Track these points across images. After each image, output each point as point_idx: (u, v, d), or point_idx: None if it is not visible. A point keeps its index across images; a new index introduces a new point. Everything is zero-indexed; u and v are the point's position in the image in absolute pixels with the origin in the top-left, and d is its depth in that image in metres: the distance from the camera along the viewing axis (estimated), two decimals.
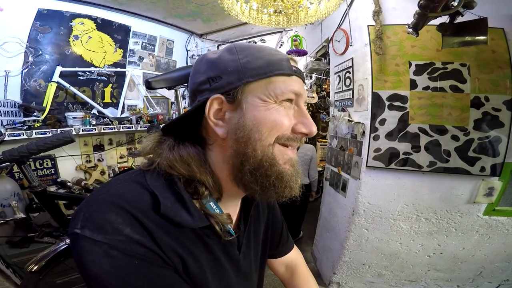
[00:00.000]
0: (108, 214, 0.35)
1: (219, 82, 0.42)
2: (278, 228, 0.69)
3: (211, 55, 0.45)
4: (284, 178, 0.43)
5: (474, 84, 1.44)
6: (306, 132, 0.44)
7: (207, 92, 0.43)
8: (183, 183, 0.42)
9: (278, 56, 0.44)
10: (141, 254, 0.35)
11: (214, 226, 0.43)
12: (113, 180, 0.43)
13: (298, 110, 0.45)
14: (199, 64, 0.46)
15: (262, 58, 0.43)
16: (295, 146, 0.46)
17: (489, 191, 1.49)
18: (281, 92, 0.42)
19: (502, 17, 1.37)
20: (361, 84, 1.66)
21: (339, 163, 1.98)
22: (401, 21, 1.49)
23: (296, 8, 1.40)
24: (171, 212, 0.39)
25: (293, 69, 0.44)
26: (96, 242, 0.33)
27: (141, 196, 0.39)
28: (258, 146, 0.41)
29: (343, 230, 1.83)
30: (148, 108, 2.62)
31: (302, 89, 0.45)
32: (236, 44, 0.45)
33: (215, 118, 0.43)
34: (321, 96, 3.66)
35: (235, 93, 0.41)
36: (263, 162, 0.41)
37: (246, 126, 0.41)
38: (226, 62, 0.42)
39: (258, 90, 0.42)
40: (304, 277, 0.71)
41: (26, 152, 1.11)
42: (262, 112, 0.42)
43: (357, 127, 1.69)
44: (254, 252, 0.57)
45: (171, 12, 2.45)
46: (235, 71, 0.42)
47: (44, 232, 1.48)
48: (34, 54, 1.91)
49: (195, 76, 0.46)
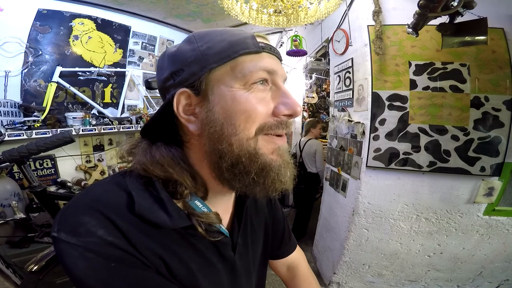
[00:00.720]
0: (81, 216, 0.35)
1: (181, 75, 0.40)
2: (279, 228, 0.67)
3: (171, 49, 0.43)
4: (272, 171, 0.39)
5: (474, 84, 1.44)
6: (289, 113, 0.40)
7: (173, 88, 0.41)
8: (161, 183, 0.40)
9: (242, 35, 0.40)
10: (117, 257, 0.34)
11: (195, 226, 0.40)
12: (94, 183, 0.43)
13: (275, 90, 0.41)
14: (161, 61, 0.44)
15: (223, 40, 0.39)
16: (283, 133, 0.42)
17: (489, 191, 1.49)
18: (249, 72, 0.38)
19: (502, 17, 1.37)
20: (361, 84, 1.66)
21: (339, 163, 1.98)
22: (401, 21, 1.49)
23: (296, 8, 1.40)
24: (147, 212, 0.37)
25: (261, 45, 0.40)
26: (72, 245, 0.33)
27: (118, 198, 0.38)
28: (233, 140, 0.38)
29: (343, 230, 1.83)
30: (148, 108, 2.62)
31: (276, 66, 0.41)
32: (194, 32, 0.42)
33: (186, 114, 0.41)
34: (321, 96, 3.66)
35: (199, 84, 0.39)
36: (241, 157, 0.38)
37: (216, 120, 0.38)
38: (186, 52, 0.40)
39: (225, 76, 0.38)
40: (306, 279, 0.70)
41: (26, 152, 1.11)
42: (231, 102, 0.38)
43: (357, 127, 1.69)
44: (253, 252, 0.55)
45: (171, 12, 2.45)
46: (196, 60, 0.38)
47: (44, 232, 1.48)
48: (34, 54, 1.90)
49: (159, 74, 0.44)
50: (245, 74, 0.38)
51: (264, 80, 0.40)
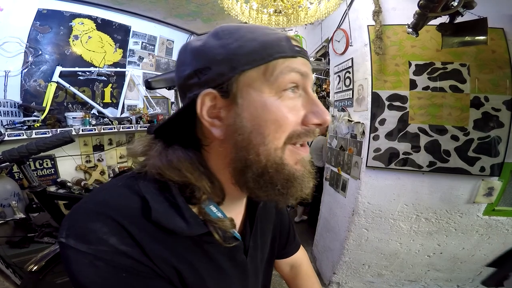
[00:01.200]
0: (92, 222, 0.33)
1: (208, 74, 0.36)
2: (285, 228, 0.67)
3: (195, 42, 0.39)
4: (296, 181, 0.38)
5: (474, 84, 1.44)
6: (319, 122, 0.38)
7: (197, 88, 0.37)
8: (177, 187, 0.38)
9: (275, 35, 0.37)
10: (128, 266, 0.32)
11: (213, 233, 0.39)
12: (103, 185, 0.40)
13: (306, 97, 0.38)
14: (183, 55, 0.40)
15: (255, 39, 0.36)
16: (307, 141, 0.40)
17: (488, 191, 1.49)
18: (282, 77, 0.35)
19: (502, 17, 1.37)
20: (361, 84, 1.66)
21: (339, 163, 1.98)
22: (401, 21, 1.49)
23: (296, 8, 1.40)
24: (164, 218, 0.35)
25: (296, 49, 0.37)
26: (81, 252, 0.31)
27: (130, 202, 0.35)
28: (261, 150, 0.36)
29: (343, 230, 1.83)
30: (148, 108, 2.62)
31: (308, 70, 0.38)
32: (222, 26, 0.38)
33: (210, 117, 0.37)
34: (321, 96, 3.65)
35: (228, 86, 0.35)
36: (268, 168, 0.36)
37: (244, 127, 0.36)
38: (214, 49, 0.36)
39: (256, 79, 0.35)
40: (308, 278, 0.70)
41: (26, 152, 1.11)
42: (261, 109, 0.35)
43: (357, 127, 1.69)
44: (261, 253, 0.54)
45: (171, 12, 2.45)
46: (225, 59, 0.35)
47: (44, 232, 1.48)
48: (34, 54, 1.90)
49: (180, 69, 0.40)
50: (278, 77, 0.35)
51: (295, 86, 0.37)
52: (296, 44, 0.38)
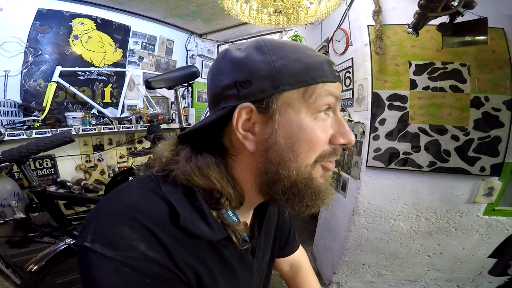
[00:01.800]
0: (121, 227, 0.32)
1: (249, 88, 0.36)
2: (286, 228, 0.68)
3: (236, 52, 0.39)
4: (320, 194, 0.40)
5: (474, 84, 1.44)
6: (345, 142, 0.39)
7: (235, 100, 0.37)
8: (202, 193, 0.39)
9: (318, 58, 0.38)
10: (155, 273, 0.33)
11: (231, 236, 0.40)
12: (126, 188, 0.40)
13: (335, 119, 0.40)
14: (222, 63, 0.40)
15: (299, 60, 0.36)
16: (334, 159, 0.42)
17: (489, 191, 1.49)
18: (320, 99, 0.37)
19: (502, 17, 1.37)
20: (361, 84, 1.66)
21: (339, 163, 1.98)
22: (401, 21, 1.48)
23: (296, 8, 1.40)
24: (191, 224, 0.36)
25: (336, 74, 0.39)
26: (107, 258, 0.31)
27: (157, 207, 0.36)
28: (292, 167, 0.37)
29: (343, 230, 1.83)
30: (148, 108, 2.62)
31: (340, 93, 0.40)
32: (265, 40, 0.39)
33: (244, 130, 0.38)
34: None
35: (268, 102, 0.36)
36: (297, 183, 0.38)
37: (278, 144, 0.37)
38: (257, 63, 0.36)
39: (294, 100, 0.36)
40: (307, 277, 0.72)
41: (25, 152, 1.11)
42: (297, 129, 0.36)
43: (357, 127, 1.69)
44: (265, 254, 0.56)
45: (171, 12, 2.44)
46: (268, 76, 0.36)
47: (44, 232, 1.48)
48: (34, 54, 1.90)
49: (218, 78, 0.40)
50: (316, 100, 0.37)
51: (329, 107, 0.39)
52: (336, 69, 0.40)
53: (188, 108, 3.12)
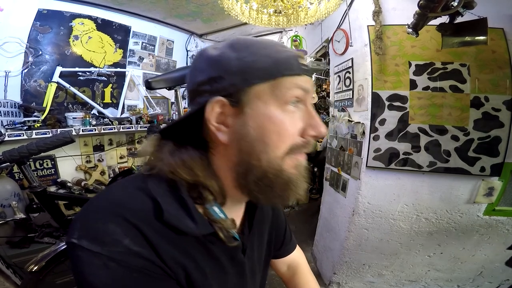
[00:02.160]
0: (106, 224, 0.33)
1: (221, 83, 0.39)
2: (281, 229, 0.68)
3: (212, 51, 0.41)
4: (292, 184, 0.41)
5: (474, 84, 1.44)
6: (315, 134, 0.41)
7: (208, 94, 0.40)
8: (186, 188, 0.40)
9: (286, 53, 0.40)
10: (140, 267, 0.33)
11: (218, 232, 0.41)
12: (113, 186, 0.41)
13: (305, 110, 0.42)
14: (199, 61, 0.42)
15: (268, 56, 0.39)
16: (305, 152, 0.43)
17: (489, 191, 1.49)
18: (288, 92, 0.39)
19: (502, 17, 1.37)
20: (361, 84, 1.66)
21: (339, 163, 1.98)
22: (401, 21, 1.49)
23: (296, 8, 1.40)
24: (175, 219, 0.37)
25: (303, 67, 0.41)
26: (94, 254, 0.32)
27: (143, 203, 0.37)
28: (263, 157, 0.39)
29: (343, 230, 1.83)
30: (148, 109, 2.63)
31: (310, 86, 0.42)
32: (239, 39, 0.42)
33: (217, 123, 0.40)
34: (321, 96, 3.66)
35: (239, 96, 0.38)
36: (268, 173, 0.39)
37: (249, 135, 0.39)
38: (229, 60, 0.39)
39: (264, 93, 0.38)
40: (306, 277, 0.72)
41: (26, 153, 1.11)
42: (266, 120, 0.38)
43: (357, 127, 1.69)
44: (258, 254, 0.56)
45: (171, 12, 2.45)
46: (239, 72, 0.38)
47: (44, 233, 1.48)
48: (34, 54, 1.91)
49: (194, 75, 0.43)
50: (284, 93, 0.38)
51: (298, 100, 0.40)
52: (303, 63, 0.41)
53: (188, 109, 3.11)
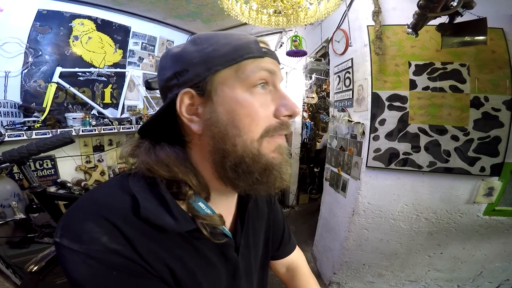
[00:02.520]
0: (85, 222, 0.34)
1: (186, 75, 0.40)
2: (279, 229, 0.67)
3: (175, 49, 0.43)
4: (274, 169, 0.40)
5: (473, 84, 1.44)
6: (289, 113, 0.41)
7: (176, 88, 0.41)
8: (165, 184, 0.40)
9: (246, 39, 0.41)
10: (119, 264, 0.34)
11: (201, 229, 0.40)
12: (97, 186, 0.42)
13: (275, 92, 0.42)
14: (164, 60, 0.44)
15: (228, 44, 0.40)
16: (283, 134, 0.43)
17: (489, 191, 1.49)
18: (252, 73, 0.39)
19: (501, 17, 1.37)
20: (360, 85, 1.66)
21: (339, 163, 1.98)
22: (400, 21, 1.49)
23: (295, 8, 1.40)
24: (152, 215, 0.36)
25: (263, 50, 0.41)
26: (74, 252, 0.33)
27: (122, 201, 0.37)
28: (237, 141, 0.39)
29: (343, 230, 1.83)
30: (148, 109, 2.62)
31: (276, 67, 0.42)
32: (200, 34, 0.43)
33: (188, 114, 0.41)
34: (321, 96, 3.66)
35: (204, 84, 0.39)
36: (245, 158, 0.39)
37: (220, 121, 0.39)
38: (191, 53, 0.40)
39: (228, 78, 0.39)
40: (306, 279, 0.70)
41: (26, 153, 1.11)
42: (234, 104, 0.39)
43: (357, 127, 1.69)
44: (254, 253, 0.55)
45: (171, 12, 2.45)
46: (201, 62, 0.39)
47: (44, 233, 1.48)
48: (34, 55, 1.90)
49: (161, 73, 0.44)
50: (248, 75, 0.39)
51: (265, 82, 0.41)
52: (264, 46, 0.42)
53: None
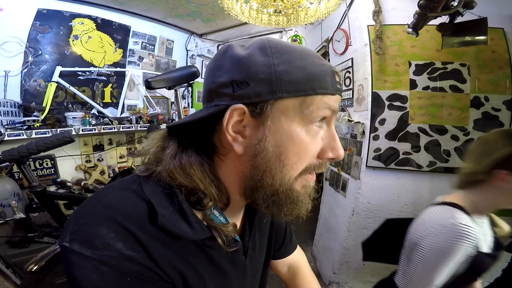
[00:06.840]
0: (98, 227, 0.32)
1: (245, 89, 0.34)
2: (281, 229, 0.67)
3: (239, 49, 0.37)
4: (298, 203, 0.39)
5: (474, 84, 1.44)
6: (333, 157, 0.38)
7: (228, 99, 0.36)
8: (184, 192, 0.38)
9: (322, 67, 0.36)
10: (134, 271, 0.32)
11: (216, 238, 0.39)
12: (106, 188, 0.39)
13: (327, 131, 0.39)
14: (222, 58, 0.38)
15: (303, 68, 0.34)
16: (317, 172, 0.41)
17: None
18: (317, 111, 0.35)
19: (502, 17, 1.37)
20: (361, 84, 1.66)
21: (339, 163, 1.98)
22: (401, 21, 1.49)
23: (296, 8, 1.40)
24: (170, 223, 0.35)
25: (338, 86, 0.37)
26: (85, 257, 0.31)
27: (136, 206, 0.35)
28: (277, 176, 0.36)
29: (343, 230, 1.83)
30: (148, 108, 2.62)
31: (338, 107, 0.38)
32: (271, 42, 0.36)
33: (234, 132, 0.37)
34: None
35: (262, 107, 0.34)
36: (279, 193, 0.37)
37: (267, 151, 0.36)
38: (258, 65, 0.34)
39: (290, 108, 0.35)
40: (307, 278, 0.70)
41: (25, 152, 1.11)
42: (286, 138, 0.35)
43: (357, 127, 1.69)
44: (260, 254, 0.55)
45: (171, 12, 2.44)
46: (267, 81, 0.34)
47: (44, 232, 1.48)
48: (34, 54, 1.90)
49: (215, 73, 0.38)
50: (312, 112, 0.35)
51: (323, 119, 0.37)
52: (338, 81, 0.38)
53: (188, 108, 3.12)
